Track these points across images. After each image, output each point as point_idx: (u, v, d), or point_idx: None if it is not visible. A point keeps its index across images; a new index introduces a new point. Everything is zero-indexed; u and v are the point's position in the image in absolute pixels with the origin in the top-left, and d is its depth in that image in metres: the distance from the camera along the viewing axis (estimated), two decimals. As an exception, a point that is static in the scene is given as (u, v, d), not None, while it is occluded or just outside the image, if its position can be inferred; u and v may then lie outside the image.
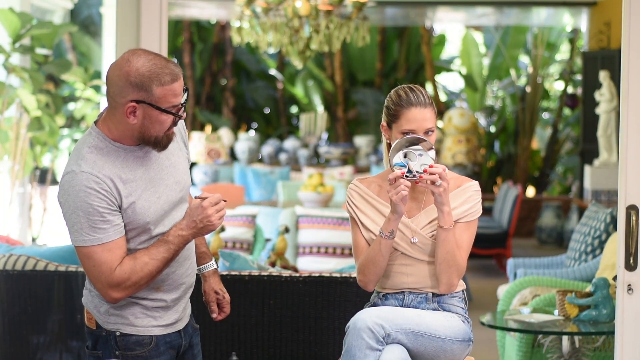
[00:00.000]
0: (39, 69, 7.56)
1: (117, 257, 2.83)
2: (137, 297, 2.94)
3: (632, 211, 3.41)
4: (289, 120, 17.09)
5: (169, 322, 3.00)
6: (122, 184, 2.84)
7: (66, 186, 2.81)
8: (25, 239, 8.03)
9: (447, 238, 3.12)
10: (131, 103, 2.80)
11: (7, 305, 4.21)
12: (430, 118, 3.15)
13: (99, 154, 2.85)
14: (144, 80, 2.77)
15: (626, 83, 3.45)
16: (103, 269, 2.81)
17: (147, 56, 2.79)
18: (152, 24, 3.90)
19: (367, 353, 3.02)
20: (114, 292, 2.84)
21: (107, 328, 2.95)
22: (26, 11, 7.86)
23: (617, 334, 3.48)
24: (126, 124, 2.84)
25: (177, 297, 3.00)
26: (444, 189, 3.06)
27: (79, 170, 2.81)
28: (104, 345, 2.96)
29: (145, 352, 2.95)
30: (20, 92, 7.13)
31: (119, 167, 2.86)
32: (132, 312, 2.94)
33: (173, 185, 2.95)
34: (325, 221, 7.28)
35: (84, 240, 2.81)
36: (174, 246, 2.87)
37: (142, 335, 2.94)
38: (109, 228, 2.81)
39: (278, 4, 8.19)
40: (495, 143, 15.43)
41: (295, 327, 4.03)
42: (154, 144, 2.87)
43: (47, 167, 9.35)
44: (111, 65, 2.86)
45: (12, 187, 7.45)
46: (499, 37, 14.69)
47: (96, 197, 2.79)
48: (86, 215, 2.79)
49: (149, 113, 2.81)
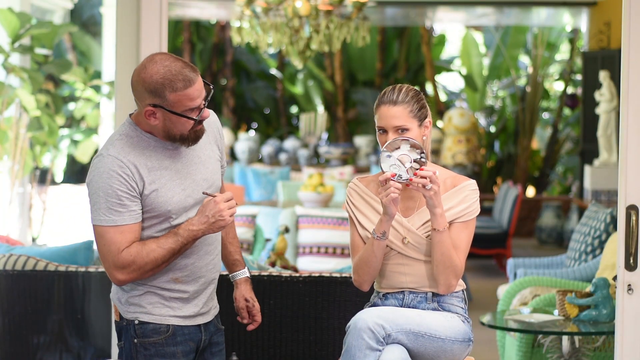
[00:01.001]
0: (39, 68, 7.56)
1: (127, 240, 2.93)
2: (155, 286, 3.03)
3: (632, 211, 3.41)
4: (289, 120, 17.09)
5: (187, 314, 3.06)
6: (147, 171, 2.95)
7: (93, 168, 2.95)
8: (25, 239, 8.03)
9: (442, 240, 3.11)
10: (149, 107, 2.91)
11: (7, 305, 4.21)
12: (401, 116, 3.13)
13: (128, 141, 2.98)
14: (157, 87, 2.88)
15: (626, 83, 3.45)
16: (112, 249, 2.92)
17: (162, 62, 2.89)
18: (152, 24, 3.90)
19: (367, 353, 3.02)
20: (119, 273, 2.94)
21: (127, 317, 3.05)
22: (26, 11, 7.86)
23: (617, 334, 3.48)
24: (150, 122, 2.95)
25: (195, 289, 3.07)
26: (434, 192, 3.06)
27: (107, 154, 2.94)
28: (125, 335, 3.06)
29: (162, 339, 3.03)
30: (19, 92, 7.13)
31: (147, 155, 2.97)
32: (149, 302, 3.03)
33: (201, 181, 3.05)
34: (325, 221, 7.28)
35: (100, 219, 2.93)
36: (182, 239, 2.96)
37: (159, 323, 3.03)
38: (125, 212, 2.92)
39: (278, 4, 8.19)
40: (495, 143, 15.43)
41: (295, 327, 4.03)
42: (181, 141, 2.98)
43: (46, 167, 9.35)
44: (134, 71, 2.97)
45: (12, 187, 7.45)
46: (499, 37, 14.69)
47: (117, 180, 2.91)
48: (105, 196, 2.91)
49: (167, 116, 2.92)
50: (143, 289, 3.02)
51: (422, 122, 3.19)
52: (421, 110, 3.19)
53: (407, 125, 3.15)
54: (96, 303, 4.31)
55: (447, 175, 3.23)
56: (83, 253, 4.60)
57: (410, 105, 3.16)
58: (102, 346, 4.30)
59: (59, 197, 9.83)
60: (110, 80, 9.05)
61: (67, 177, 12.51)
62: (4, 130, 7.19)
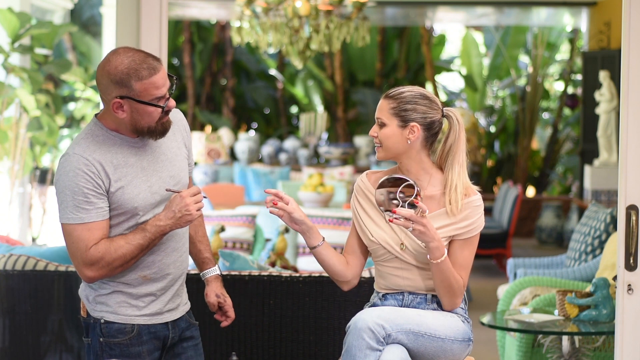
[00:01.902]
0: (39, 68, 7.56)
1: (95, 237, 2.95)
2: (123, 283, 3.04)
3: (632, 211, 3.41)
4: (289, 120, 17.09)
5: (153, 311, 3.08)
6: (113, 169, 2.97)
7: (60, 167, 2.97)
8: (25, 239, 8.03)
9: (440, 269, 3.09)
10: (116, 99, 2.93)
11: (7, 305, 4.21)
12: (382, 109, 3.16)
13: (93, 140, 2.99)
14: (123, 77, 2.91)
15: (626, 83, 3.45)
16: (80, 246, 2.95)
17: (126, 54, 2.93)
18: (152, 24, 3.90)
19: (368, 353, 3.02)
20: (88, 270, 2.96)
21: (94, 316, 3.07)
22: (26, 11, 7.86)
23: (617, 334, 3.48)
24: (117, 117, 2.97)
25: (162, 286, 3.09)
26: (419, 232, 3.03)
27: (72, 153, 2.96)
28: (92, 333, 3.08)
29: (127, 339, 3.05)
30: (19, 92, 7.13)
31: (112, 153, 2.98)
32: (116, 301, 3.05)
33: (167, 179, 3.06)
34: (325, 221, 7.28)
35: (67, 217, 2.95)
36: (149, 234, 2.98)
37: (125, 323, 3.05)
38: (92, 209, 2.94)
39: (278, 4, 8.19)
40: (495, 143, 15.43)
41: (295, 327, 4.03)
42: (149, 134, 2.99)
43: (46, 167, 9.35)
44: (97, 66, 2.99)
45: (12, 187, 7.45)
46: (499, 37, 14.70)
47: (83, 178, 2.93)
48: (72, 194, 2.93)
49: (134, 107, 2.94)
50: (110, 287, 3.04)
51: (406, 124, 3.14)
52: (405, 112, 3.14)
53: (384, 120, 3.16)
54: (96, 303, 4.31)
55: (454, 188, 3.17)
56: (83, 253, 4.60)
57: (394, 102, 3.15)
58: (102, 346, 4.29)
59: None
60: (110, 80, 9.03)
61: (67, 177, 12.49)
62: (4, 130, 7.19)
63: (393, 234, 3.18)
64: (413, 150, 3.17)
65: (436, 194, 3.18)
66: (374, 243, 3.21)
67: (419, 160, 3.19)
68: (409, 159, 3.18)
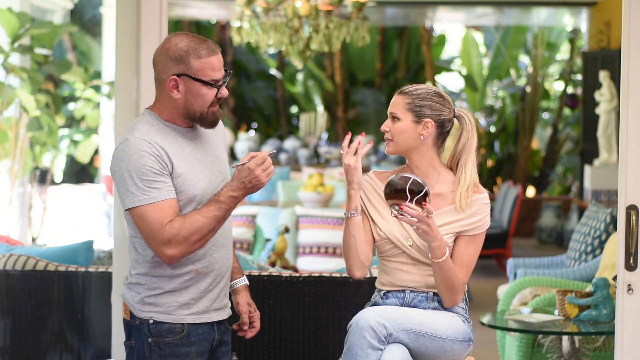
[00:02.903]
0: (39, 68, 7.56)
1: (168, 215, 2.92)
2: (173, 282, 3.01)
3: (632, 211, 3.41)
4: (289, 120, 17.09)
5: (201, 309, 3.06)
6: (173, 154, 2.98)
7: (119, 153, 2.95)
8: (25, 239, 8.03)
9: (442, 268, 3.11)
10: (173, 77, 2.96)
11: (7, 305, 4.21)
12: (397, 104, 3.20)
13: (151, 127, 3.00)
14: (182, 54, 2.95)
15: (626, 83, 3.45)
16: (155, 226, 2.91)
17: (186, 35, 3.01)
18: (152, 24, 3.90)
19: (369, 352, 3.02)
20: (167, 248, 2.92)
21: (140, 317, 3.04)
22: (26, 11, 7.86)
23: (617, 334, 3.48)
24: (172, 100, 3.00)
25: (210, 282, 3.07)
26: (422, 230, 3.05)
27: (132, 137, 2.95)
28: (137, 334, 3.05)
29: (177, 339, 3.03)
30: (19, 92, 7.13)
31: (169, 142, 3.00)
32: (166, 301, 3.03)
33: (217, 173, 3.09)
34: (325, 221, 7.28)
35: (138, 200, 2.92)
36: (225, 205, 2.97)
37: (174, 323, 3.03)
38: (162, 187, 2.93)
39: (278, 4, 8.19)
40: (495, 143, 15.43)
41: (295, 327, 4.03)
42: (200, 120, 3.02)
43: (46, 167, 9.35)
44: (156, 50, 3.04)
45: (12, 187, 7.45)
46: (499, 37, 14.69)
47: (149, 158, 2.92)
48: (139, 176, 2.91)
49: (189, 86, 2.97)
50: (160, 289, 3.02)
51: (420, 120, 3.19)
52: (420, 108, 3.19)
53: (398, 114, 3.19)
54: (96, 303, 4.32)
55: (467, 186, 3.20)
56: (83, 253, 4.60)
57: (410, 98, 3.20)
58: (102, 346, 4.30)
59: (59, 197, 9.84)
60: (110, 80, 9.05)
61: (67, 177, 12.51)
62: (4, 130, 7.19)
63: (401, 228, 3.20)
64: (424, 146, 3.21)
65: (444, 192, 3.22)
66: (382, 238, 3.22)
67: (430, 158, 3.22)
68: (419, 155, 3.21)
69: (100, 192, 10.33)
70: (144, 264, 3.03)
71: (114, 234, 3.99)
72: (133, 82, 3.92)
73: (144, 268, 3.03)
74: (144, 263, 3.02)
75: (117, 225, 3.95)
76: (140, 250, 3.02)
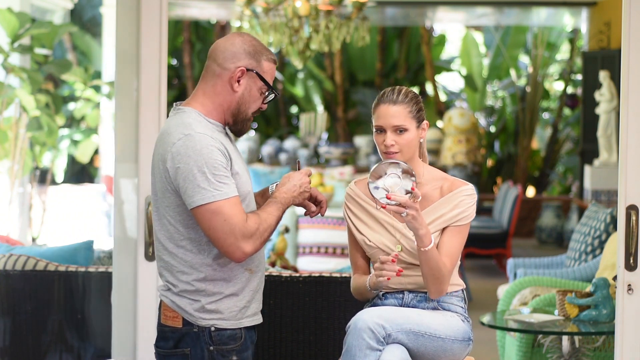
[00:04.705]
0: (39, 68, 7.56)
1: (242, 211, 2.85)
2: (232, 286, 2.94)
3: (632, 211, 3.41)
4: (289, 120, 17.09)
5: (254, 311, 3.02)
6: (231, 152, 2.92)
7: (183, 149, 2.83)
8: (25, 239, 8.03)
9: (428, 257, 3.09)
10: (242, 68, 2.91)
11: (7, 305, 4.21)
12: (400, 115, 3.13)
13: (207, 124, 2.92)
14: (258, 50, 2.94)
15: (626, 83, 3.45)
16: (236, 221, 2.82)
17: (255, 39, 2.99)
18: (152, 24, 3.90)
19: (368, 353, 3.02)
20: (247, 244, 2.85)
21: (200, 324, 2.94)
22: (26, 11, 7.86)
23: (617, 334, 3.48)
24: (227, 94, 2.94)
25: (258, 282, 3.03)
26: (412, 217, 3.02)
27: (195, 132, 2.85)
28: (194, 342, 2.95)
29: (238, 346, 2.97)
30: (19, 92, 7.13)
31: (221, 139, 2.93)
32: (227, 306, 2.95)
33: (249, 178, 3.03)
34: (325, 221, 7.28)
35: (212, 195, 2.81)
36: (282, 205, 2.98)
37: (235, 329, 2.96)
38: (230, 183, 2.85)
39: (278, 4, 8.19)
40: (495, 143, 15.44)
41: (295, 327, 4.03)
42: (242, 123, 2.97)
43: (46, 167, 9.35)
44: (218, 41, 2.98)
45: (11, 187, 7.45)
46: (499, 37, 14.69)
47: (218, 153, 2.83)
48: (211, 170, 2.81)
49: (251, 84, 2.93)
50: (220, 294, 2.93)
51: (420, 124, 3.19)
52: (419, 112, 3.19)
53: (405, 125, 3.15)
54: (96, 303, 4.31)
55: (445, 180, 3.22)
56: (83, 253, 4.60)
57: (409, 106, 3.17)
58: (102, 346, 4.30)
59: (59, 197, 9.84)
60: (110, 80, 9.05)
61: (67, 177, 12.51)
62: (4, 130, 7.19)
63: (388, 234, 3.20)
64: (420, 148, 3.22)
65: (428, 190, 3.20)
66: (372, 247, 3.22)
67: (417, 158, 3.23)
68: (415, 158, 3.21)
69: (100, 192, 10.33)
70: (202, 268, 2.92)
71: (114, 234, 3.98)
72: (133, 82, 3.92)
73: (202, 273, 2.92)
74: (203, 267, 2.92)
75: (117, 225, 3.95)
76: (199, 252, 2.92)
